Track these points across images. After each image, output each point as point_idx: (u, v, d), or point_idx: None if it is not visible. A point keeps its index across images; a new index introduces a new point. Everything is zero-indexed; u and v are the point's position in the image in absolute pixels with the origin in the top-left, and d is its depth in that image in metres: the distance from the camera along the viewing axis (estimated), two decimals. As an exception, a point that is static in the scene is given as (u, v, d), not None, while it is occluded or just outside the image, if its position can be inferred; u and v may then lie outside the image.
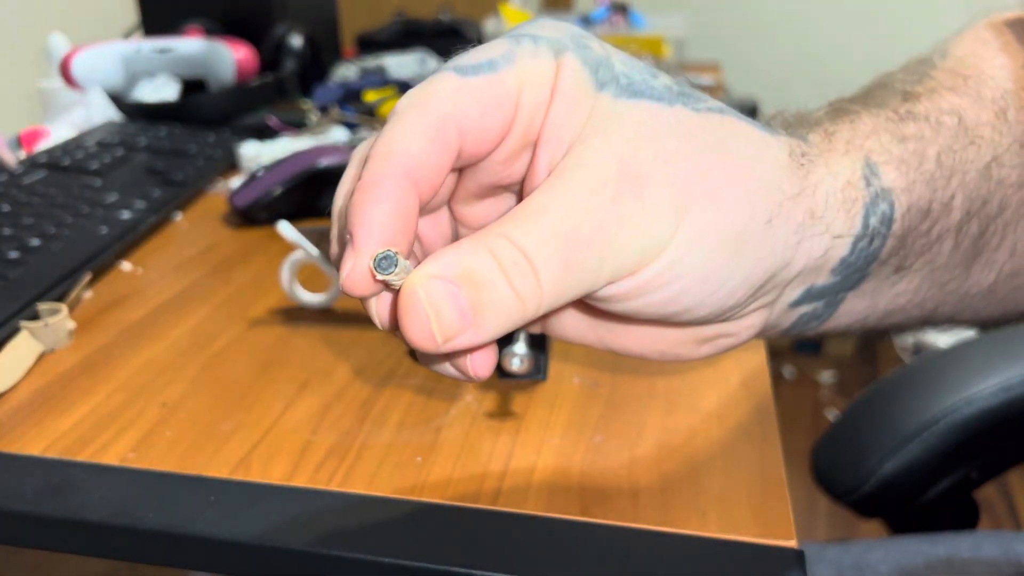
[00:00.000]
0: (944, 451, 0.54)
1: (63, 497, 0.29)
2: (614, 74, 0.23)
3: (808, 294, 0.25)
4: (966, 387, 0.54)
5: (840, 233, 0.24)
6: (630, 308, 0.23)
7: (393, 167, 0.21)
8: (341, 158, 0.59)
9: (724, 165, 0.22)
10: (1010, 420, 0.54)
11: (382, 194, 0.21)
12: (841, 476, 0.56)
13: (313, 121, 0.82)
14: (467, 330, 0.20)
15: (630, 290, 0.22)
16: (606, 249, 0.21)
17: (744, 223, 0.22)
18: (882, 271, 0.26)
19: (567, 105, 0.22)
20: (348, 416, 0.34)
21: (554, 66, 0.22)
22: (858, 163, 0.25)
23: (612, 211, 0.21)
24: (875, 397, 0.59)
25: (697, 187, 0.22)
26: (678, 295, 0.22)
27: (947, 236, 0.27)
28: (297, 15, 0.98)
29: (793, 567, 0.26)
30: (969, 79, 0.29)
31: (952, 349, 0.60)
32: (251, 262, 0.51)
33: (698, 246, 0.22)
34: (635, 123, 0.22)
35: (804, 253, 0.23)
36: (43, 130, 0.72)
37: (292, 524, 0.28)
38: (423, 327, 0.20)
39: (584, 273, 0.21)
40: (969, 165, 0.27)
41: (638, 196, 0.21)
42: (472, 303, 0.20)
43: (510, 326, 0.21)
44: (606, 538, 0.27)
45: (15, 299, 0.41)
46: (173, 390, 0.36)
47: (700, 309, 0.23)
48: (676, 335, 0.26)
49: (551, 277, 0.21)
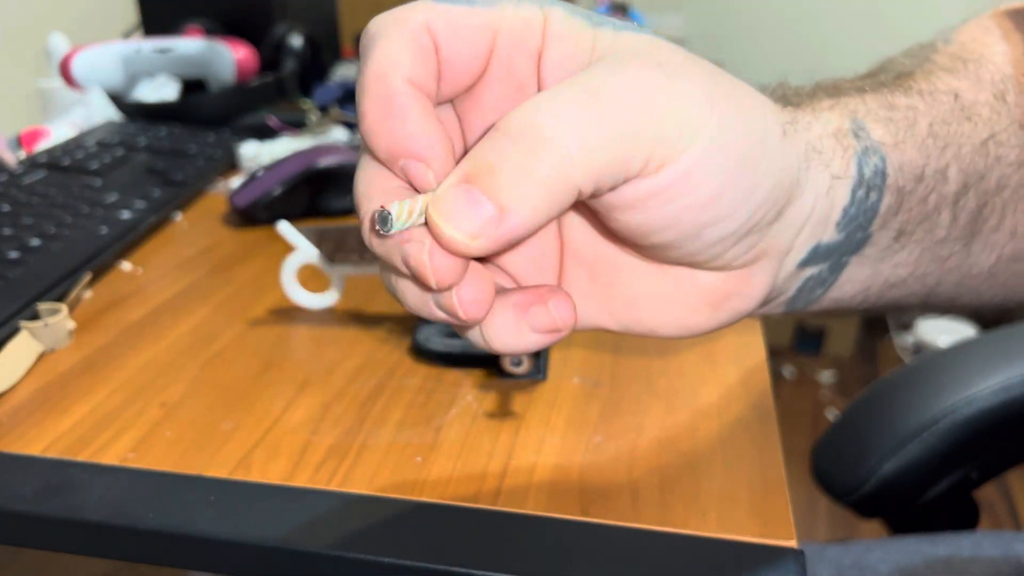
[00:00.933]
0: (944, 451, 0.54)
1: (63, 497, 0.29)
2: (607, 19, 0.23)
3: (815, 252, 0.25)
4: (966, 387, 0.54)
5: (838, 174, 0.24)
6: (660, 216, 0.21)
7: (396, 81, 0.21)
8: (341, 158, 0.59)
9: (734, 83, 0.22)
10: (1010, 420, 0.54)
11: (402, 106, 0.21)
12: (841, 476, 0.56)
13: (313, 121, 0.82)
14: (491, 220, 0.19)
15: (665, 186, 0.21)
16: (642, 113, 0.20)
17: (763, 130, 0.22)
18: (883, 236, 0.26)
19: (566, 44, 0.22)
20: (348, 416, 0.34)
21: (541, 14, 0.22)
22: (845, 118, 0.25)
23: (642, 80, 0.20)
24: (875, 397, 0.59)
25: (720, 90, 0.21)
26: (709, 197, 0.21)
27: (944, 206, 0.27)
28: (297, 15, 0.98)
29: (793, 567, 0.26)
30: (969, 63, 0.29)
31: (952, 349, 0.60)
32: (251, 262, 0.51)
33: (723, 145, 0.21)
34: (642, 45, 0.21)
35: (812, 185, 0.23)
36: (43, 130, 0.72)
37: (292, 524, 0.28)
38: (446, 236, 0.20)
39: (619, 140, 0.19)
40: (964, 139, 0.27)
41: (669, 77, 0.20)
42: (488, 188, 0.19)
43: (544, 198, 0.19)
44: (606, 538, 0.27)
45: (15, 299, 0.41)
46: (173, 390, 0.36)
47: (728, 220, 0.22)
48: (689, 297, 0.25)
49: (579, 135, 0.19)
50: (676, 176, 0.20)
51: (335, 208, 0.60)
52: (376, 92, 0.21)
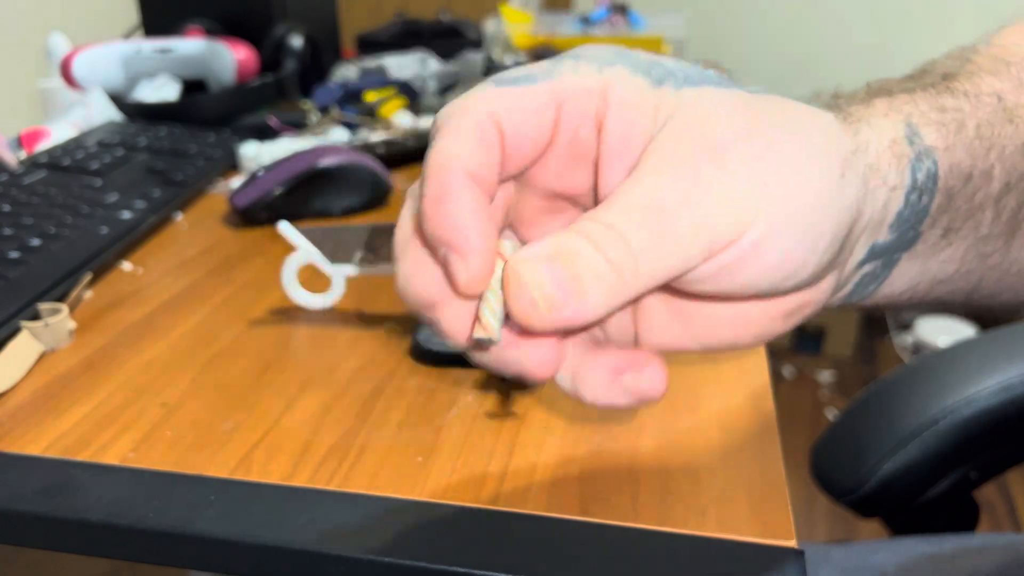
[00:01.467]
0: (944, 451, 0.54)
1: (64, 497, 0.29)
2: (669, 70, 0.24)
3: (872, 252, 0.26)
4: (965, 387, 0.54)
5: (895, 185, 0.25)
6: (736, 284, 0.23)
7: (454, 173, 0.22)
8: (341, 158, 0.59)
9: (790, 136, 0.23)
10: (1010, 420, 0.54)
11: (455, 198, 0.22)
12: (841, 477, 0.56)
13: (313, 121, 0.82)
14: (570, 301, 0.21)
15: (733, 262, 0.22)
16: (697, 217, 0.21)
17: (822, 181, 0.23)
18: (932, 234, 0.27)
19: (627, 111, 0.23)
20: (348, 416, 0.34)
21: (600, 79, 0.23)
22: (899, 124, 0.26)
23: (695, 181, 0.22)
24: (874, 397, 0.59)
25: (774, 156, 0.22)
26: (779, 262, 0.22)
27: (988, 205, 0.28)
28: (297, 15, 0.98)
29: (792, 566, 0.26)
30: (1012, 65, 0.30)
31: (951, 349, 0.60)
32: (251, 262, 0.51)
33: (787, 209, 0.22)
34: (702, 106, 0.23)
35: (870, 205, 0.24)
36: (43, 130, 0.72)
37: (292, 524, 0.28)
38: (527, 301, 0.21)
39: (679, 244, 0.21)
40: (1007, 140, 0.28)
41: (720, 166, 0.22)
42: (570, 274, 0.21)
43: (613, 298, 0.21)
44: (606, 538, 0.27)
45: (16, 299, 0.41)
46: (173, 390, 0.36)
47: (801, 272, 0.23)
48: (766, 313, 0.26)
49: (642, 246, 0.21)
50: (740, 253, 0.22)
51: (335, 208, 0.60)
52: (434, 181, 0.22)
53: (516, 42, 1.16)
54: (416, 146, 0.75)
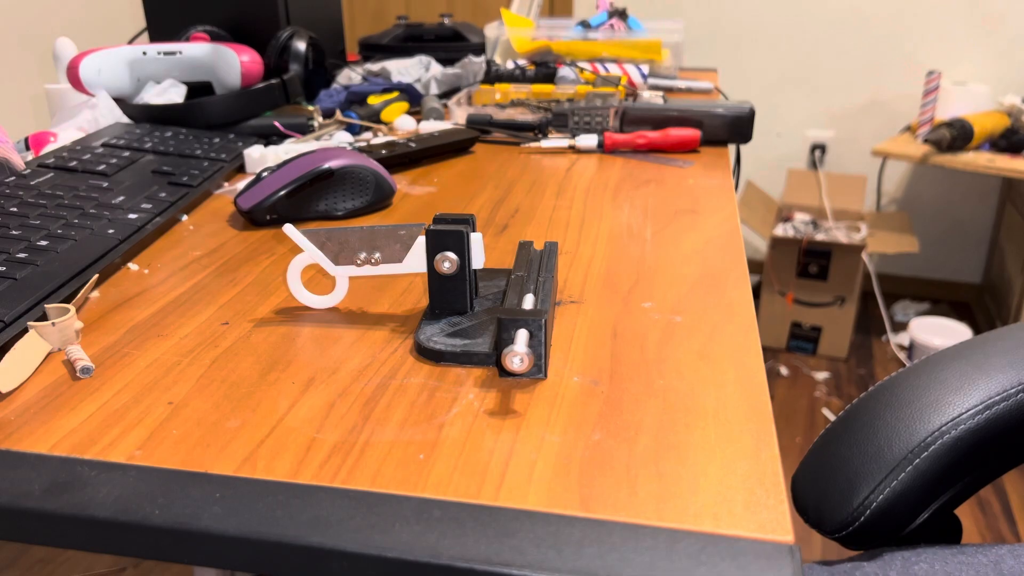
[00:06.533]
0: (936, 474, 0.52)
1: (70, 494, 0.30)
2: None
3: None
4: (948, 408, 0.53)
5: None
6: None
7: None
8: (345, 161, 0.60)
9: None
10: (996, 435, 0.53)
11: None
12: (832, 512, 0.53)
13: (317, 124, 0.83)
14: None
15: None
16: None
17: None
18: None
19: None
20: (352, 414, 0.35)
21: None
22: None
23: None
24: (853, 423, 0.56)
25: None
26: None
27: None
28: (301, 20, 0.99)
29: (788, 562, 0.26)
30: None
31: (925, 367, 0.58)
32: (256, 263, 0.52)
33: None
34: None
35: None
36: (51, 133, 0.73)
37: (296, 520, 0.28)
38: None
39: None
40: None
41: None
42: None
43: None
44: (605, 534, 0.28)
45: (23, 299, 0.41)
46: (179, 389, 0.37)
47: None
48: None
49: None
50: None
51: (339, 210, 0.61)
52: None
53: (517, 46, 1.16)
54: (418, 149, 0.75)
